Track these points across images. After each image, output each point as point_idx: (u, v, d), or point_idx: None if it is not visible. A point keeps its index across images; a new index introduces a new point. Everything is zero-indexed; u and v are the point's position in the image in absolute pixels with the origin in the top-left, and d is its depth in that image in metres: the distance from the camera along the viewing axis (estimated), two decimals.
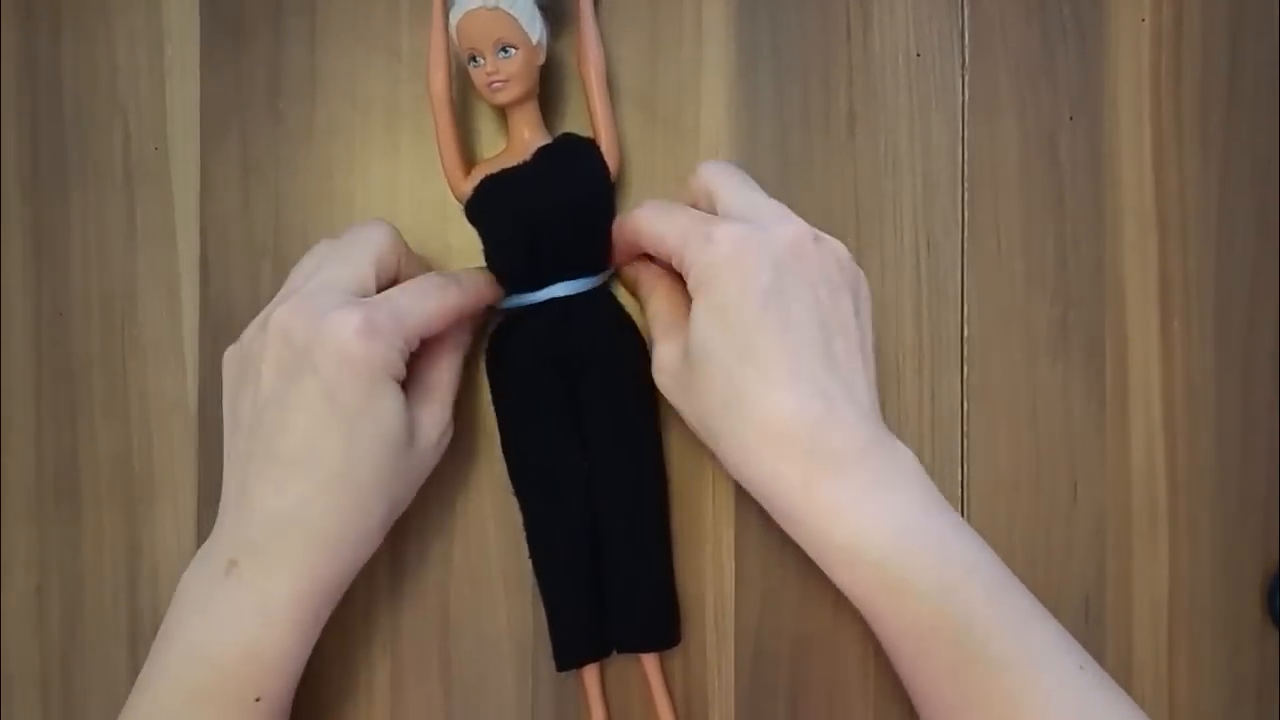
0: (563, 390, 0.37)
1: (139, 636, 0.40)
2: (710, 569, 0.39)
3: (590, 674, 0.39)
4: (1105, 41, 0.40)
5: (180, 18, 0.41)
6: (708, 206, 0.35)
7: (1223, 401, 0.39)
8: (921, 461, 0.39)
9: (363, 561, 0.34)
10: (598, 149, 0.37)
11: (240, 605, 0.32)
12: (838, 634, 0.39)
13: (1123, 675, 0.39)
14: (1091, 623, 0.39)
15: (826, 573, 0.34)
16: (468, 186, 0.37)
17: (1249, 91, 0.40)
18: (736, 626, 0.39)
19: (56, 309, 0.41)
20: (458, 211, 0.37)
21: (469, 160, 0.38)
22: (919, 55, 0.40)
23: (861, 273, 0.36)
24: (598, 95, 0.37)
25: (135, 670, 0.40)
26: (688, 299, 0.34)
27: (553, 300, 0.37)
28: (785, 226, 0.33)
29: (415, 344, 0.34)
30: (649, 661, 0.38)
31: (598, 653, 0.38)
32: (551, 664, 0.38)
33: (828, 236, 0.35)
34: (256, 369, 0.33)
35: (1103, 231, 0.40)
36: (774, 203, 0.35)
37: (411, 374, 0.34)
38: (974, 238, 0.40)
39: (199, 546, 0.34)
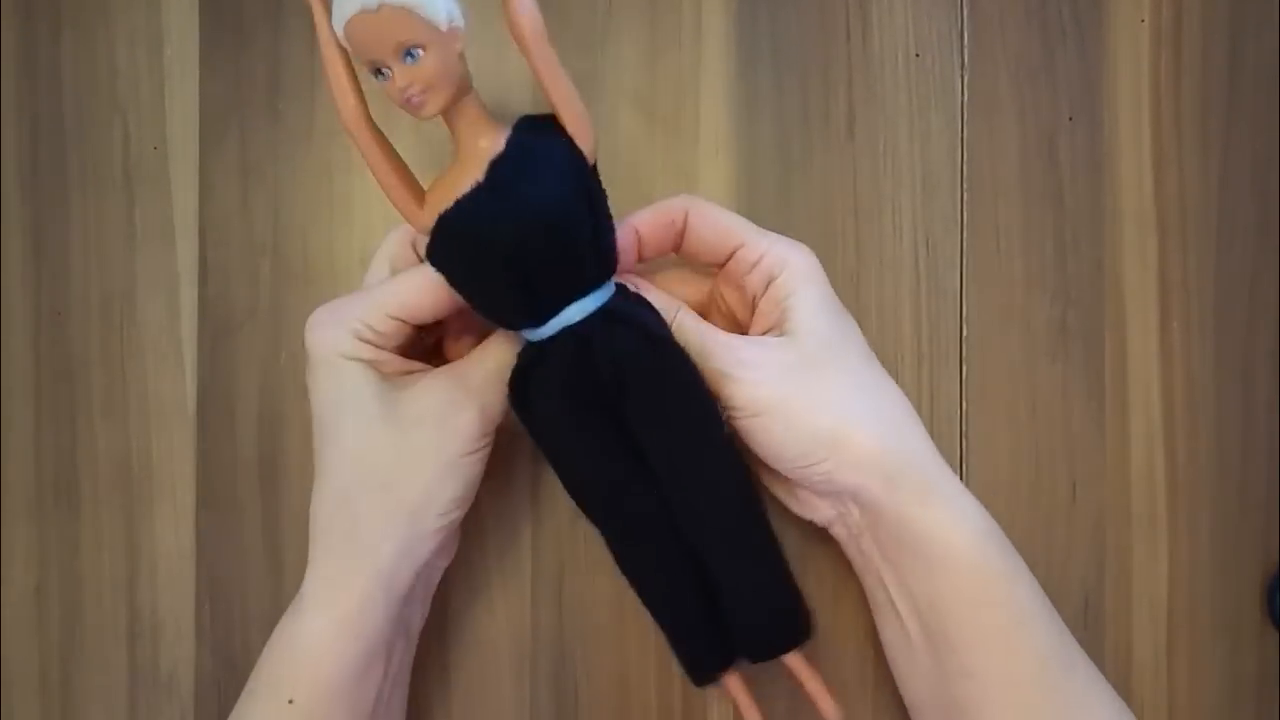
0: (606, 423, 0.33)
1: (138, 636, 0.40)
2: None
3: (733, 681, 0.35)
4: (1104, 42, 0.40)
5: (180, 18, 0.41)
6: (675, 235, 0.35)
7: (1222, 401, 0.39)
8: None
9: (403, 560, 0.33)
10: (563, 131, 0.31)
11: (288, 611, 0.33)
12: (837, 634, 0.39)
13: (1122, 675, 0.39)
14: (1091, 622, 0.39)
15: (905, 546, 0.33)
16: (428, 218, 0.31)
17: (1248, 92, 0.40)
18: None
19: (56, 309, 0.41)
20: None
21: (417, 187, 0.32)
22: (918, 55, 0.40)
23: None
24: (540, 59, 0.29)
25: (134, 669, 0.40)
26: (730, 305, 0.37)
27: (566, 330, 0.32)
28: None
29: (381, 324, 0.33)
30: (791, 660, 0.35)
31: (729, 660, 0.35)
32: (551, 664, 0.38)
33: None
34: None
35: (1102, 232, 0.40)
36: None
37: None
38: (973, 238, 0.40)
39: (197, 546, 0.34)
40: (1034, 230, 0.40)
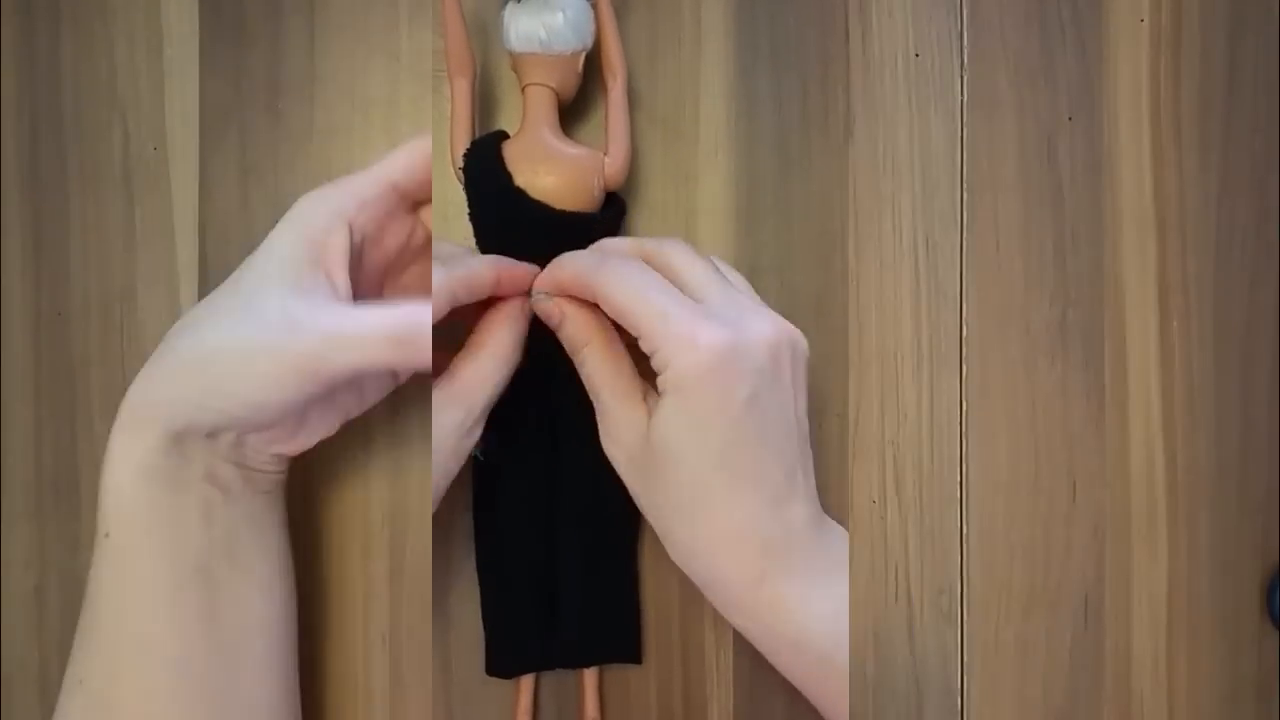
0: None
1: None
2: None
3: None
4: (1104, 43, 0.40)
5: (180, 18, 0.41)
6: (668, 277, 0.34)
7: (1221, 401, 0.39)
8: (919, 462, 0.39)
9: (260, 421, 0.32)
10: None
11: None
12: None
13: (1121, 674, 0.39)
14: (1090, 622, 0.39)
15: (767, 657, 0.33)
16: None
17: (1247, 92, 0.40)
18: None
19: (56, 309, 0.41)
20: (458, 212, 0.37)
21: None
22: (918, 56, 0.40)
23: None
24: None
25: None
26: (630, 357, 0.34)
27: None
28: (766, 330, 0.32)
29: (374, 190, 0.34)
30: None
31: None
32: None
33: (796, 332, 0.34)
34: None
35: (1101, 232, 0.40)
36: (748, 296, 0.35)
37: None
38: (973, 238, 0.40)
39: None
40: (1033, 230, 0.40)
